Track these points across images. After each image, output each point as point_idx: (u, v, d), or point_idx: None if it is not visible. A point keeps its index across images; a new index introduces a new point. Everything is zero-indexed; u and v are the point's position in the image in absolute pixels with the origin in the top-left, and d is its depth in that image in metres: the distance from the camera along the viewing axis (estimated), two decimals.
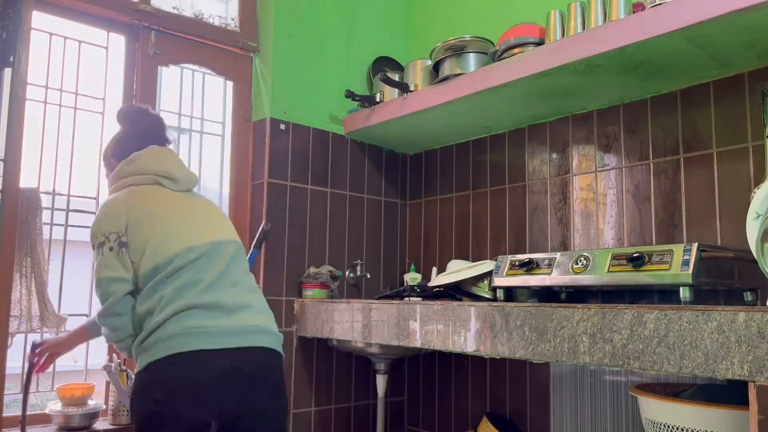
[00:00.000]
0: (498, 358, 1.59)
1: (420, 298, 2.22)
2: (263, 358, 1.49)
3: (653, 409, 1.52)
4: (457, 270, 2.13)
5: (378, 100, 2.54)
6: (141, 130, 1.65)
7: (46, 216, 2.07)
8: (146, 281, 1.44)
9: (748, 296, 1.65)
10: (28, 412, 1.93)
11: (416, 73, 2.43)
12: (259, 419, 1.48)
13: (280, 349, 1.56)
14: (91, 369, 2.20)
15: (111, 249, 1.45)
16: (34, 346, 1.86)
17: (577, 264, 1.69)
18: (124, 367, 2.11)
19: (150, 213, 1.48)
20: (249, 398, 1.45)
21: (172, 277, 1.42)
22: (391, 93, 2.51)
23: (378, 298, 2.28)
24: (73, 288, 2.20)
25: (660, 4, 1.65)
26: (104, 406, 2.10)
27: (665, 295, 1.92)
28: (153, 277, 1.43)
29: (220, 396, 1.41)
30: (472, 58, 2.24)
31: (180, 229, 1.47)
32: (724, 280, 1.57)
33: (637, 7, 1.78)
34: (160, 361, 1.38)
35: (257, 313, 1.52)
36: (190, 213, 1.54)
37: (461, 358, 2.55)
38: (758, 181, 1.71)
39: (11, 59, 1.85)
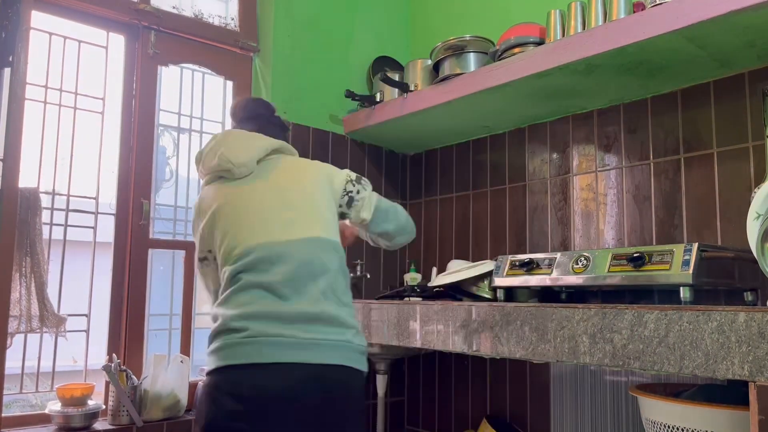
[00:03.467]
0: (498, 358, 1.58)
1: (420, 298, 2.22)
2: None
3: (653, 409, 1.51)
4: (457, 270, 2.13)
5: (378, 100, 2.54)
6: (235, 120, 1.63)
7: (45, 216, 2.07)
8: None
9: (749, 296, 1.65)
10: (28, 412, 1.93)
11: (416, 73, 2.43)
12: None
13: None
14: (90, 369, 2.19)
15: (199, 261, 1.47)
16: None
17: (577, 264, 1.68)
18: (123, 367, 2.11)
19: (210, 218, 1.47)
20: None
21: None
22: (391, 93, 2.51)
23: (378, 298, 2.28)
24: (73, 288, 2.20)
25: (660, 4, 1.65)
26: (104, 406, 2.10)
27: (665, 295, 1.92)
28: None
29: None
30: (472, 58, 2.24)
31: (230, 231, 1.43)
32: (725, 280, 1.57)
33: (637, 7, 1.77)
34: None
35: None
36: (246, 208, 1.44)
37: (461, 358, 2.55)
38: (758, 181, 1.71)
39: (10, 59, 1.85)
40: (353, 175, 1.56)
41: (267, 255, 1.31)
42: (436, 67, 2.33)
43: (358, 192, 1.53)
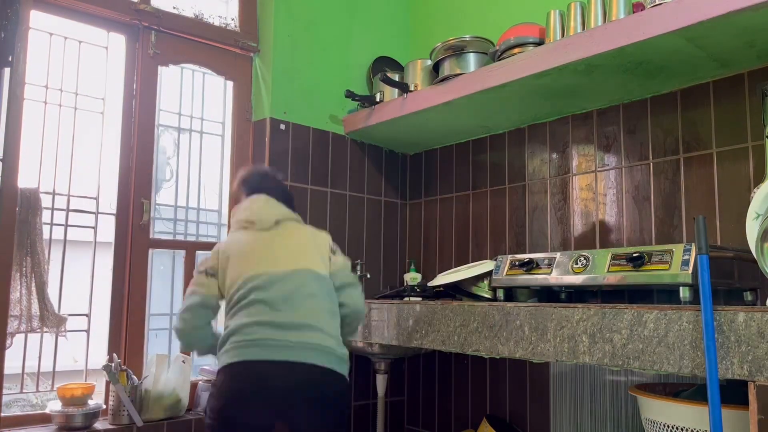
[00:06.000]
0: (498, 357, 1.59)
1: (420, 298, 2.22)
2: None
3: (653, 408, 1.52)
4: (457, 270, 2.13)
5: (378, 100, 2.54)
6: (250, 186, 1.86)
7: (46, 216, 2.07)
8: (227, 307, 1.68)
9: (748, 296, 1.65)
10: (28, 412, 1.93)
11: (416, 73, 2.43)
12: None
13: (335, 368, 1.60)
14: (91, 369, 2.20)
15: (200, 273, 1.71)
16: None
17: (577, 264, 1.69)
18: (124, 367, 2.12)
19: (233, 252, 1.72)
20: (282, 412, 1.55)
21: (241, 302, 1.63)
22: (391, 93, 2.51)
23: (378, 298, 2.28)
24: (73, 288, 2.20)
25: (660, 4, 1.65)
26: (104, 406, 2.10)
27: (665, 295, 1.92)
28: (229, 302, 1.66)
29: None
30: (472, 58, 2.24)
31: (245, 262, 1.68)
32: (724, 280, 1.57)
33: (637, 7, 1.78)
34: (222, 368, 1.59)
35: (314, 332, 1.61)
36: (263, 248, 1.72)
37: (461, 358, 2.55)
38: (758, 181, 1.71)
39: (10, 59, 1.85)
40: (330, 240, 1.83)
41: (270, 279, 1.63)
42: (436, 67, 2.34)
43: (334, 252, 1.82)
